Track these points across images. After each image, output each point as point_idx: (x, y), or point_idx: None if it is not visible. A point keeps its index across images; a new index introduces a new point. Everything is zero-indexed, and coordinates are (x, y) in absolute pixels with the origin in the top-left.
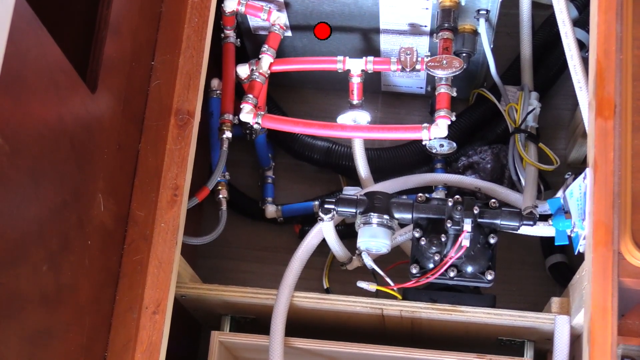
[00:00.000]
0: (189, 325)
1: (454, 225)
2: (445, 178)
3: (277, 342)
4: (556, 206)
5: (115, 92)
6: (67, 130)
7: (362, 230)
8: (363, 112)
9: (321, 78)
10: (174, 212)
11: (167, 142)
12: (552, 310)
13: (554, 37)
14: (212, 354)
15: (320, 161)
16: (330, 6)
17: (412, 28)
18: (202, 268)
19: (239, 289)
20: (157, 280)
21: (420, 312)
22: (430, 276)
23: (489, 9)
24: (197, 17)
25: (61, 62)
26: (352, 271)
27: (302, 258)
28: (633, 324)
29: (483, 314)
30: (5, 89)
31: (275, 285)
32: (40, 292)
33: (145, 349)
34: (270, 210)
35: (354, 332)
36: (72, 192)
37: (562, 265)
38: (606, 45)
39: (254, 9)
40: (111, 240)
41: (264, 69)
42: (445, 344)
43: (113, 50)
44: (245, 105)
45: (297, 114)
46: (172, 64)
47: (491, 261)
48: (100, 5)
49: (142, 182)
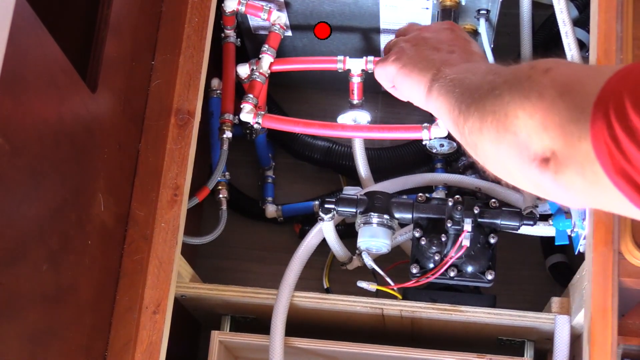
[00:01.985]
0: (189, 325)
1: (454, 225)
2: (445, 178)
3: (277, 342)
4: (556, 206)
5: (116, 91)
6: (67, 130)
7: (362, 230)
8: (363, 112)
9: (321, 78)
10: (174, 211)
11: (167, 141)
12: (552, 310)
13: (554, 37)
14: (212, 353)
15: (321, 161)
16: (330, 6)
17: None
18: (202, 268)
19: (239, 289)
20: (157, 280)
21: (421, 312)
22: (430, 276)
23: (489, 8)
24: (197, 17)
25: (61, 62)
26: (352, 271)
27: (302, 258)
28: (633, 324)
29: (483, 313)
30: (5, 88)
31: (275, 285)
32: (40, 291)
33: (145, 349)
34: (270, 210)
35: (354, 332)
36: (72, 191)
37: (562, 265)
38: (606, 45)
39: (254, 9)
40: (111, 240)
41: (264, 69)
42: (445, 343)
43: (113, 50)
44: (245, 105)
45: (297, 114)
46: (172, 64)
47: (491, 261)
48: (100, 5)
49: (142, 181)
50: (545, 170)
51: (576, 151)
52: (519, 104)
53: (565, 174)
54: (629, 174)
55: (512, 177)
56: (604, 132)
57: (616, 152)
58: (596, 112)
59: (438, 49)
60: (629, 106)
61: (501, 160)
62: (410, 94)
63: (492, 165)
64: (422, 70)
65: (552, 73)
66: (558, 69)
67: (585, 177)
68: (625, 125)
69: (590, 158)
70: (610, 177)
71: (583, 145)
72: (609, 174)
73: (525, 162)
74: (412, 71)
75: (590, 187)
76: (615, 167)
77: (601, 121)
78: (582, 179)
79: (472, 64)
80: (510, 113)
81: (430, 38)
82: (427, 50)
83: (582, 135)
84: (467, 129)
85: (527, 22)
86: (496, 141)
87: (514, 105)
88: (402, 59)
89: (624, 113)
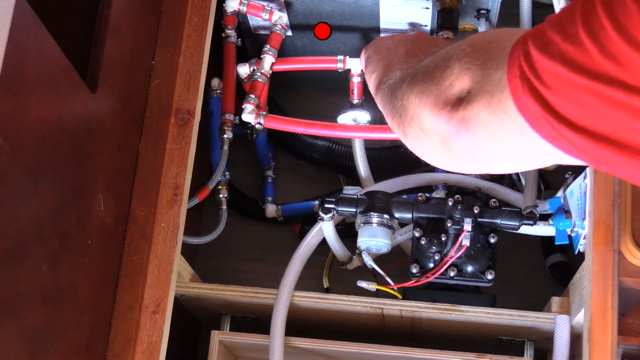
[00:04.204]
0: (189, 325)
1: (454, 224)
2: (445, 177)
3: (277, 342)
4: (556, 206)
5: (116, 91)
6: (67, 130)
7: (362, 229)
8: (363, 112)
9: (321, 77)
10: (174, 211)
11: (167, 141)
12: (552, 309)
13: None
14: (212, 353)
15: (321, 160)
16: (330, 6)
17: (412, 27)
18: (202, 268)
19: (239, 289)
20: (157, 280)
21: (421, 312)
22: (430, 276)
23: (489, 8)
24: (197, 17)
25: (61, 61)
26: (352, 271)
27: (303, 257)
28: (633, 323)
29: (483, 313)
30: (6, 88)
31: (275, 285)
32: (40, 291)
33: (145, 349)
34: (270, 209)
35: (354, 332)
36: (72, 191)
37: (562, 265)
38: None
39: (255, 9)
40: (111, 240)
41: (265, 69)
42: (445, 343)
43: (113, 50)
44: (247, 105)
45: (297, 114)
46: (172, 64)
47: (491, 261)
48: (100, 5)
49: (142, 181)
50: (454, 113)
51: (490, 80)
52: (454, 63)
53: (473, 108)
54: (537, 88)
55: (423, 136)
56: (520, 57)
57: (528, 70)
58: (516, 46)
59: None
60: (547, 28)
61: (417, 115)
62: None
63: (410, 127)
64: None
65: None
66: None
67: (491, 106)
68: (540, 44)
69: (501, 84)
70: (516, 99)
71: (497, 74)
72: (515, 96)
73: (438, 107)
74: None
75: (493, 118)
76: (524, 85)
77: (518, 51)
78: (487, 111)
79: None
80: (442, 66)
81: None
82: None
83: (499, 67)
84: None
85: (527, 22)
86: (420, 93)
87: (447, 62)
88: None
89: (541, 36)
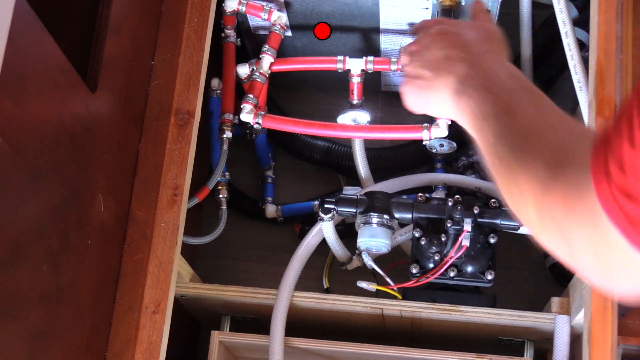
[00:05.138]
0: (189, 325)
1: (454, 225)
2: (445, 178)
3: (277, 342)
4: None
5: (116, 91)
6: (67, 130)
7: (362, 230)
8: (363, 112)
9: (321, 78)
10: (174, 211)
11: (167, 141)
12: (552, 310)
13: (554, 37)
14: (212, 353)
15: (320, 161)
16: (330, 6)
17: (412, 27)
18: (202, 268)
19: (239, 289)
20: (157, 280)
21: (420, 312)
22: (430, 276)
23: (489, 8)
24: (197, 17)
25: (61, 62)
26: (352, 271)
27: (302, 258)
28: (633, 324)
29: (483, 313)
30: (5, 88)
31: (275, 285)
32: (40, 291)
33: (145, 349)
34: (270, 210)
35: (354, 332)
36: (72, 191)
37: (562, 265)
38: (606, 45)
39: (254, 9)
40: (111, 240)
41: (264, 69)
42: (445, 343)
43: (113, 50)
44: (245, 105)
45: (297, 114)
46: (172, 64)
47: (491, 261)
48: (100, 5)
49: (142, 181)
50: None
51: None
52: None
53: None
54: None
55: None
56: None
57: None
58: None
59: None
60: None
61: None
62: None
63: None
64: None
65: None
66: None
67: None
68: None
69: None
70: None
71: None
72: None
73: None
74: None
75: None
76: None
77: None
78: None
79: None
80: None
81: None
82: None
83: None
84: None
85: (527, 22)
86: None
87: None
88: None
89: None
